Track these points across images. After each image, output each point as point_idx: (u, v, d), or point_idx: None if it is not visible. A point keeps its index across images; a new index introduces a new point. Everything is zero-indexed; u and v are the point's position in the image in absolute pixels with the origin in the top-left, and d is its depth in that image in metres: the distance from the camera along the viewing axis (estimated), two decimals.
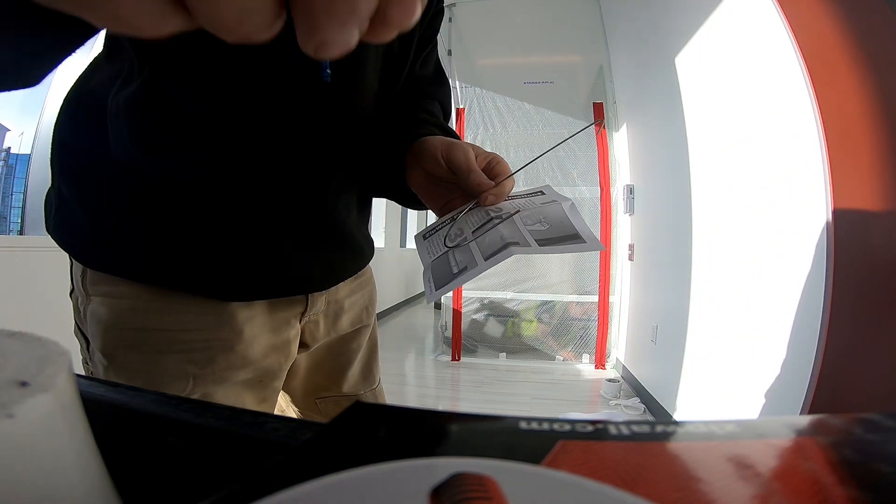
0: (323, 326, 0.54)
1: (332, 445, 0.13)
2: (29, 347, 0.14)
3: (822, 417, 0.13)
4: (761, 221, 1.45)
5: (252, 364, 0.46)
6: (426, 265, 0.36)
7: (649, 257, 2.59)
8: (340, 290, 0.55)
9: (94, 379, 0.24)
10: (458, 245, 0.36)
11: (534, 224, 0.36)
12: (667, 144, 2.23)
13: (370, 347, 0.62)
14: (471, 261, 0.34)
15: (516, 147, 3.26)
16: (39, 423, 0.11)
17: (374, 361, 0.63)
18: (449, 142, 0.42)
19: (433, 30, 0.56)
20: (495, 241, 0.34)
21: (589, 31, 3.25)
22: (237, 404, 0.43)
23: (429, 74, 0.58)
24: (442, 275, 0.34)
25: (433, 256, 0.37)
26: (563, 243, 0.34)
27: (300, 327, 0.51)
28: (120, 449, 0.16)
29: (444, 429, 0.14)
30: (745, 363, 1.49)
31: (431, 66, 0.58)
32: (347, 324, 0.57)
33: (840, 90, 1.15)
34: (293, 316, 0.50)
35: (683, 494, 0.10)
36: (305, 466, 0.11)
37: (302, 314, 0.51)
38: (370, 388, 0.62)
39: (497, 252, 0.33)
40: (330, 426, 0.13)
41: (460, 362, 3.19)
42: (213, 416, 0.22)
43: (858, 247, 1.11)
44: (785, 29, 1.26)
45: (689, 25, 1.90)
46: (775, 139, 1.37)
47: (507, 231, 0.35)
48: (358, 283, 0.58)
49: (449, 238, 0.37)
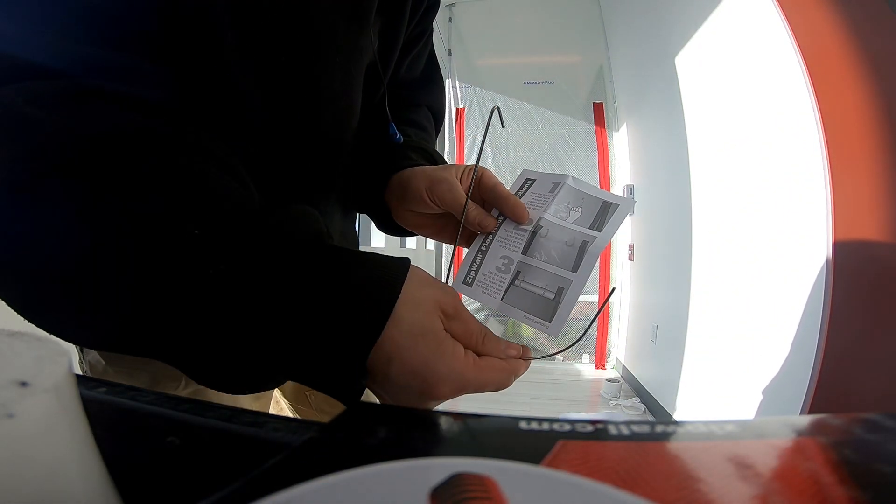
0: None
1: (332, 445, 0.13)
2: (29, 347, 0.14)
3: (822, 417, 0.13)
4: (761, 221, 1.45)
5: None
6: (495, 307, 0.34)
7: (649, 257, 2.59)
8: None
9: (94, 379, 0.24)
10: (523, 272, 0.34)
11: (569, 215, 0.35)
12: (667, 144, 2.23)
13: None
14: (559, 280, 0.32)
15: (516, 147, 3.26)
16: (39, 423, 0.11)
17: None
18: (430, 177, 0.38)
19: (423, 28, 0.50)
20: (565, 250, 0.33)
21: (589, 31, 3.25)
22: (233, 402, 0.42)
23: (416, 77, 0.52)
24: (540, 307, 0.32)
25: (499, 295, 0.34)
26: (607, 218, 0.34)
27: None
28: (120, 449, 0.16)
29: (444, 429, 0.14)
30: (745, 363, 1.49)
31: (420, 69, 0.53)
32: None
33: (840, 90, 1.15)
34: None
35: (683, 494, 0.10)
36: (305, 466, 0.11)
37: None
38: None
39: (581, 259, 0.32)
40: (330, 426, 0.13)
41: None
42: (213, 416, 0.22)
43: (858, 247, 1.11)
44: (785, 29, 1.26)
45: (689, 25, 1.90)
46: (775, 139, 1.37)
47: (563, 235, 0.34)
48: None
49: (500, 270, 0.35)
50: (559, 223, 0.35)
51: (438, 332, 0.26)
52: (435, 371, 0.26)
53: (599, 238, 0.34)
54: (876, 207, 1.09)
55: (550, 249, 0.34)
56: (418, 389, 0.26)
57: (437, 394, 0.26)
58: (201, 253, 0.23)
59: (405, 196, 0.40)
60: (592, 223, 0.35)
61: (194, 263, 0.23)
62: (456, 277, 0.37)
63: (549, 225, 0.35)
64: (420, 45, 0.50)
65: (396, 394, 0.26)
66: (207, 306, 0.23)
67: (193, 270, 0.22)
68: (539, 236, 0.34)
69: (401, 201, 0.40)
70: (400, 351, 0.25)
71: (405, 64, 0.49)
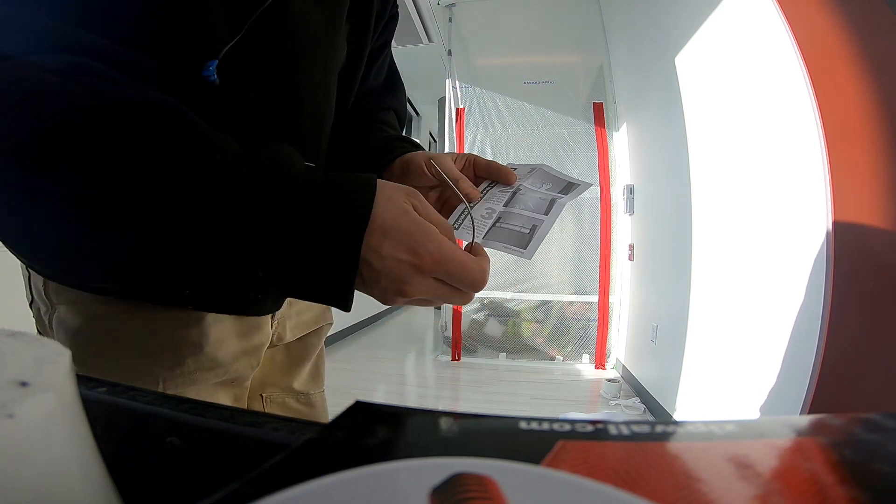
0: (289, 327, 0.53)
1: (332, 445, 0.13)
2: (29, 347, 0.14)
3: (822, 417, 0.13)
4: (761, 221, 1.45)
5: (222, 367, 0.45)
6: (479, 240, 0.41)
7: (649, 257, 2.59)
8: None
9: (94, 379, 0.24)
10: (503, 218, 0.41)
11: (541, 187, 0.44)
12: (667, 144, 2.23)
13: (321, 349, 0.62)
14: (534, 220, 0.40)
15: (516, 147, 3.26)
16: (39, 423, 0.11)
17: (321, 362, 0.62)
18: (429, 155, 0.45)
19: (386, 37, 0.56)
20: (539, 202, 0.42)
21: (589, 31, 3.25)
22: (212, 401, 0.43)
23: (381, 84, 0.58)
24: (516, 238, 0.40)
25: (482, 234, 0.41)
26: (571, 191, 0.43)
27: (271, 331, 0.50)
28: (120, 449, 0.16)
29: (443, 429, 0.14)
30: (745, 363, 1.49)
31: (383, 76, 0.58)
32: (311, 320, 0.57)
33: (840, 90, 1.15)
34: (264, 321, 0.48)
35: (683, 494, 0.10)
36: (305, 466, 0.11)
37: (272, 317, 0.50)
38: (319, 391, 0.61)
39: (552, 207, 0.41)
40: (330, 426, 0.13)
41: (460, 362, 3.19)
42: (213, 416, 0.22)
43: (858, 247, 1.11)
44: (785, 29, 1.26)
45: (689, 25, 1.90)
46: (775, 139, 1.37)
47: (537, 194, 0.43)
48: None
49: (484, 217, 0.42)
50: (535, 189, 0.44)
51: (414, 213, 0.31)
52: (420, 241, 0.30)
53: (566, 198, 0.43)
54: (876, 207, 1.09)
55: (528, 201, 0.42)
56: (408, 261, 0.30)
57: (425, 264, 0.30)
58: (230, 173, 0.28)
59: (406, 172, 0.45)
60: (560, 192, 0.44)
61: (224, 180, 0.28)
62: None
63: (527, 189, 0.44)
64: (383, 55, 0.57)
65: (391, 273, 0.30)
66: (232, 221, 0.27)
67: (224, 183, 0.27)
68: (519, 194, 0.43)
69: (401, 178, 0.46)
70: (388, 230, 0.30)
71: (371, 73, 0.55)
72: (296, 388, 0.57)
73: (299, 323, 0.55)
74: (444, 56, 3.50)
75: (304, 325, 0.56)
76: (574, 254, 3.18)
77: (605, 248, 3.10)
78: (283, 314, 0.52)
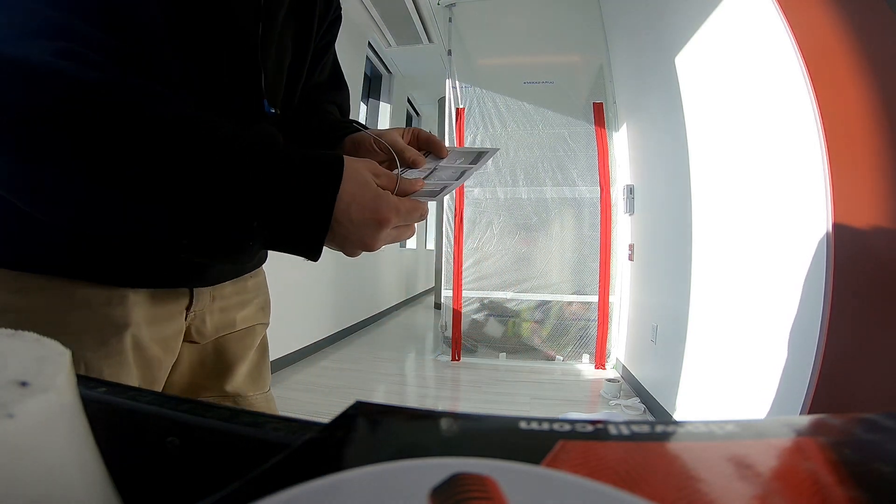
0: (210, 323, 0.53)
1: (332, 445, 0.13)
2: (29, 347, 0.14)
3: (822, 417, 0.13)
4: (761, 221, 1.45)
5: (144, 349, 0.45)
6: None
7: (649, 257, 2.59)
8: (226, 288, 0.54)
9: (94, 379, 0.24)
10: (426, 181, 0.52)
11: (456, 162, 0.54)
12: (667, 144, 2.23)
13: (262, 348, 0.61)
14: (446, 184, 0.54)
15: (516, 147, 3.26)
16: (39, 423, 0.11)
17: (264, 364, 0.62)
18: (377, 132, 0.51)
19: (330, 37, 0.61)
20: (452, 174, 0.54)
21: (589, 31, 3.25)
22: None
23: (325, 80, 0.62)
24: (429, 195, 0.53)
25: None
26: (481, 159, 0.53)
27: (185, 324, 0.50)
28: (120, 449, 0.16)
29: (444, 429, 0.14)
30: (745, 363, 1.49)
31: (328, 72, 0.62)
32: (239, 321, 0.56)
33: (840, 90, 1.15)
34: (178, 311, 0.49)
35: (683, 494, 0.10)
36: (305, 466, 0.11)
37: (187, 308, 0.50)
38: (261, 392, 0.60)
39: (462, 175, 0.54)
40: (330, 426, 0.13)
41: (460, 362, 3.19)
42: (213, 416, 0.22)
43: (858, 247, 1.11)
44: (785, 29, 1.26)
45: (689, 25, 1.90)
46: (775, 139, 1.37)
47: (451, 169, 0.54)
48: (252, 282, 0.58)
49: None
50: (450, 165, 0.54)
51: (373, 183, 0.40)
52: (379, 205, 0.39)
53: (475, 167, 0.53)
54: (876, 207, 1.09)
55: (443, 175, 0.53)
56: (372, 220, 0.39)
57: (384, 219, 0.40)
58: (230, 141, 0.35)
59: (357, 149, 0.51)
60: (471, 162, 0.54)
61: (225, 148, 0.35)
62: None
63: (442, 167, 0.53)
64: (328, 55, 0.62)
65: (359, 231, 0.39)
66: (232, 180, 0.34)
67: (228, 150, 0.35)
68: (436, 171, 0.53)
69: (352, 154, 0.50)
70: (354, 197, 0.38)
71: (317, 70, 0.60)
72: (228, 390, 0.56)
73: (224, 321, 0.55)
74: (444, 56, 3.50)
75: (230, 324, 0.55)
76: (574, 254, 3.19)
77: (605, 248, 3.10)
78: (203, 308, 0.52)
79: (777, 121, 1.36)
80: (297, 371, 2.89)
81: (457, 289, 3.24)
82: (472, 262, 3.24)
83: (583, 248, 3.16)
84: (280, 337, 2.89)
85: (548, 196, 3.21)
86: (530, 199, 3.23)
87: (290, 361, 2.97)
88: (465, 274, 3.24)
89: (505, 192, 3.24)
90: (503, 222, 3.25)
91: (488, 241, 3.25)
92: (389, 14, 3.66)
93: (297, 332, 3.09)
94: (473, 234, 3.25)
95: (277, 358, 2.82)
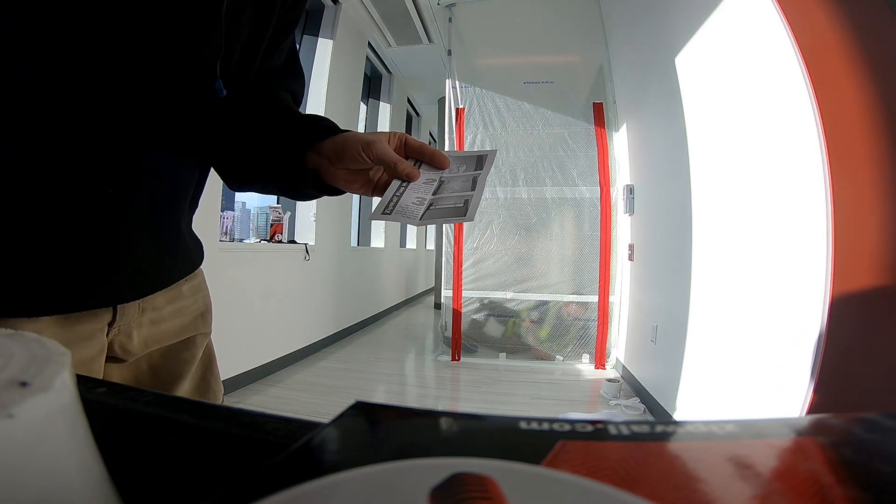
0: (138, 338, 0.46)
1: (332, 445, 0.13)
2: (29, 347, 0.14)
3: (822, 417, 0.13)
4: (761, 221, 1.45)
5: None
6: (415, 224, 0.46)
7: (649, 257, 2.59)
8: (158, 298, 0.47)
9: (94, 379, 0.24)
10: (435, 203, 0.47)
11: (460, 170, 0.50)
12: (667, 144, 2.23)
13: (206, 360, 0.55)
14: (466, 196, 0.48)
15: (516, 147, 3.26)
16: (39, 423, 0.11)
17: (210, 375, 0.56)
18: (364, 139, 0.47)
19: (293, 18, 0.56)
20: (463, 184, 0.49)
21: (589, 31, 3.26)
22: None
23: (279, 66, 0.58)
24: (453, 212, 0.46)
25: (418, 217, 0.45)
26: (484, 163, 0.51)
27: (107, 341, 0.43)
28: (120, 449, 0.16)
29: (443, 429, 0.14)
30: (745, 363, 1.49)
31: (283, 57, 0.58)
32: (174, 333, 0.50)
33: (840, 90, 1.15)
34: (97, 329, 0.42)
35: (683, 494, 0.10)
36: (305, 466, 0.11)
37: (109, 325, 0.43)
38: None
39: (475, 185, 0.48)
40: (330, 426, 0.13)
41: (460, 362, 3.19)
42: (213, 417, 0.22)
43: (858, 247, 1.11)
44: (785, 29, 1.26)
45: (689, 25, 1.90)
46: (775, 139, 1.37)
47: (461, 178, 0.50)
48: (188, 287, 0.52)
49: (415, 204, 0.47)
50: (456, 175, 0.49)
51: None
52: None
53: (483, 171, 0.49)
54: (876, 207, 1.09)
55: (454, 185, 0.48)
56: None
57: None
58: None
59: (342, 156, 0.47)
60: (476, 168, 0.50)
61: None
62: (374, 210, 0.46)
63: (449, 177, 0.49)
64: (287, 40, 0.57)
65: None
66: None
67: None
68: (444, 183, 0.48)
69: (336, 161, 0.48)
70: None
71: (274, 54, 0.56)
72: None
73: (155, 334, 0.48)
74: (444, 56, 3.50)
75: (162, 337, 0.49)
76: (574, 254, 3.19)
77: (605, 248, 3.10)
78: (129, 322, 0.45)
79: (777, 121, 1.36)
80: (297, 371, 2.89)
81: (457, 289, 3.24)
82: (472, 262, 3.24)
83: (583, 248, 3.16)
84: (280, 337, 2.89)
85: (548, 196, 3.21)
86: (530, 199, 3.23)
87: (290, 361, 2.97)
88: (465, 274, 3.24)
89: (505, 192, 3.24)
90: (503, 222, 3.25)
91: (488, 241, 3.25)
92: (389, 14, 3.66)
93: (297, 332, 3.09)
94: (473, 234, 3.25)
95: (277, 358, 2.82)
